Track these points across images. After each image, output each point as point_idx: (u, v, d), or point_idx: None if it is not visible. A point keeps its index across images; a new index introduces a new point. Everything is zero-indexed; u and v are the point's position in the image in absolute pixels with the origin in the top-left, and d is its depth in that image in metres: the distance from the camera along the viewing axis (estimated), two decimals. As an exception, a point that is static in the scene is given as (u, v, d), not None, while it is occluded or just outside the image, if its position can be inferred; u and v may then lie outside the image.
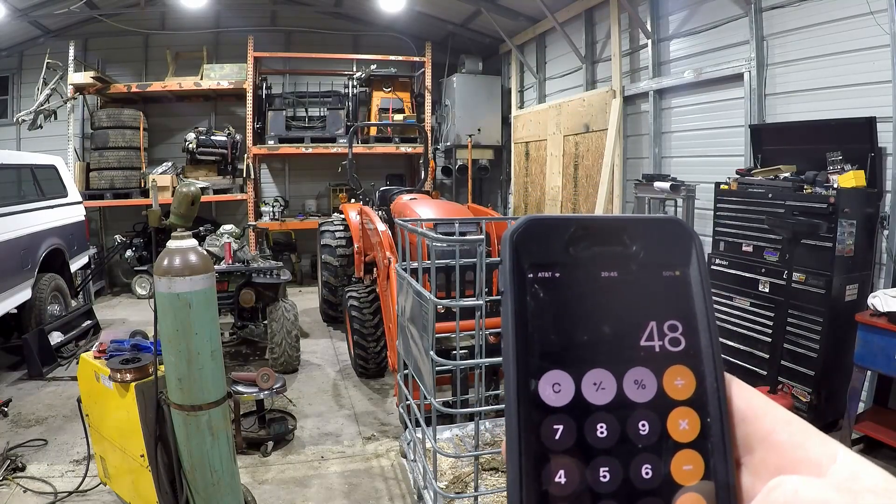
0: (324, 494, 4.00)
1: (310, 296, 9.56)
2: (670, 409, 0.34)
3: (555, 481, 0.32)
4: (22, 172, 6.70)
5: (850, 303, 4.41)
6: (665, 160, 7.03)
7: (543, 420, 0.33)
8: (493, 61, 11.31)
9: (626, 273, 0.36)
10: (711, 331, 0.36)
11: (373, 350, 5.85)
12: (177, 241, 2.68)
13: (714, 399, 0.34)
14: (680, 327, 0.35)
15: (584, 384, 0.34)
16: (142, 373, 3.03)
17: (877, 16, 4.39)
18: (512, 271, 0.35)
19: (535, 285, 0.35)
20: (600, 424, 0.33)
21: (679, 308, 0.36)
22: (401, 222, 2.77)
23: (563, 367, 0.34)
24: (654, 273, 0.36)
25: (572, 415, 0.33)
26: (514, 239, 0.35)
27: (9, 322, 6.48)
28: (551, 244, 0.35)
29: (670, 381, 0.34)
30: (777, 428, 0.34)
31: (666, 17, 6.89)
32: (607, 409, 0.33)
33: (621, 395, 0.34)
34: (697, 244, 0.37)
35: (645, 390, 0.34)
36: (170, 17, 10.77)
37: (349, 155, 7.72)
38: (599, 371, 0.34)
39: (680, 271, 0.36)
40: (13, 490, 3.91)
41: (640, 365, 0.34)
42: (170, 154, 10.66)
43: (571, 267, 0.35)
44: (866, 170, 4.40)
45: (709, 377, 0.35)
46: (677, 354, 0.35)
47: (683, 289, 0.36)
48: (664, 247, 0.37)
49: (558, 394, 0.33)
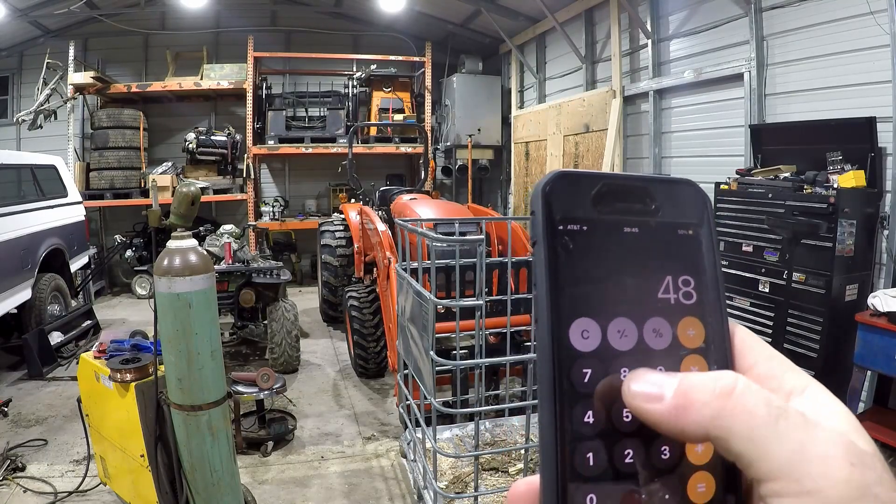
0: (324, 494, 4.00)
1: (310, 296, 9.56)
2: (683, 356, 0.37)
3: (584, 421, 0.35)
4: (22, 172, 6.70)
5: (850, 303, 4.41)
6: (665, 160, 7.03)
7: (574, 364, 0.35)
8: (493, 61, 11.31)
9: (646, 229, 0.38)
10: (719, 286, 0.38)
11: (373, 350, 5.85)
12: (177, 241, 2.68)
13: (721, 349, 0.38)
14: (692, 282, 0.38)
15: (610, 331, 0.36)
16: (142, 373, 3.03)
17: (877, 16, 4.39)
18: (545, 222, 0.36)
19: (566, 237, 0.36)
20: (624, 368, 0.36)
21: (691, 264, 0.38)
22: (401, 222, 2.76)
23: (591, 315, 0.36)
24: (671, 231, 0.38)
25: (600, 359, 0.35)
26: (545, 191, 0.37)
27: (9, 322, 6.48)
28: (580, 198, 0.37)
29: (683, 330, 0.37)
30: (760, 361, 0.38)
31: (666, 17, 6.89)
32: (630, 355, 0.36)
33: (642, 343, 0.36)
34: (709, 207, 0.40)
35: (662, 339, 0.37)
36: (170, 17, 10.77)
37: (349, 155, 7.72)
38: (623, 320, 0.36)
39: (693, 230, 0.39)
40: (13, 490, 3.91)
41: (658, 315, 0.37)
42: (170, 154, 10.66)
43: (597, 221, 0.37)
44: (866, 170, 4.40)
45: (716, 328, 0.38)
46: (689, 307, 0.38)
47: (696, 247, 0.39)
48: (680, 207, 0.39)
49: (587, 339, 0.35)
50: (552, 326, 0.35)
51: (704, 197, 0.40)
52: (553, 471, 0.34)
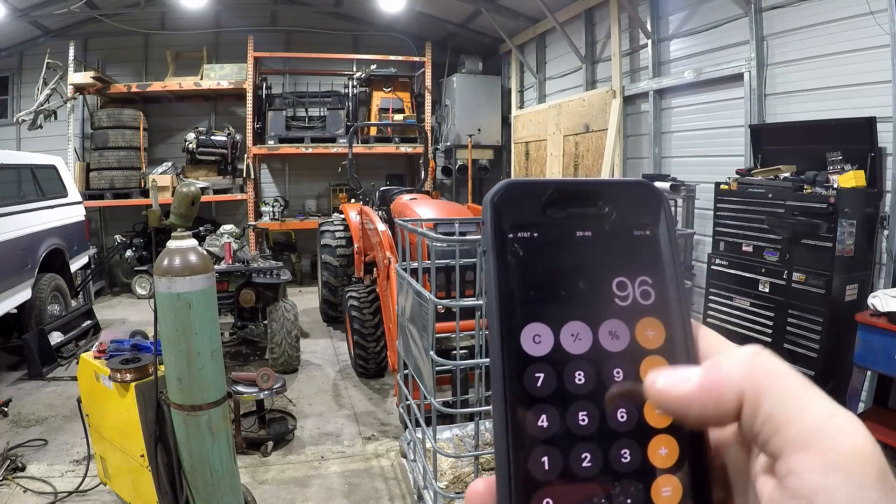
0: (324, 494, 4.00)
1: (310, 296, 9.56)
2: (642, 357, 0.36)
3: (537, 425, 0.34)
4: (22, 172, 6.70)
5: (850, 303, 4.41)
6: (665, 160, 7.03)
7: (526, 369, 0.35)
8: (493, 61, 11.31)
9: (599, 232, 0.38)
10: (679, 285, 0.38)
11: (373, 350, 5.85)
12: (177, 241, 2.68)
13: (682, 347, 0.37)
14: (650, 282, 0.38)
15: (563, 335, 0.36)
16: (142, 373, 3.03)
17: (877, 16, 4.39)
18: (493, 231, 0.37)
19: (515, 244, 0.37)
20: (578, 372, 0.36)
21: (649, 264, 0.38)
22: (401, 222, 2.77)
23: (543, 320, 0.36)
24: (626, 232, 0.38)
25: (552, 363, 0.35)
26: (494, 201, 0.37)
27: (9, 322, 6.48)
28: (529, 206, 0.37)
29: (642, 331, 0.37)
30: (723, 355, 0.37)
31: (666, 17, 6.89)
32: (584, 358, 0.36)
33: (597, 345, 0.36)
34: (666, 205, 0.40)
35: (619, 340, 0.36)
36: (170, 17, 10.77)
37: (349, 155, 7.72)
38: (576, 323, 0.36)
39: (650, 230, 0.39)
40: (13, 490, 3.91)
41: (613, 317, 0.37)
42: (170, 154, 10.66)
43: (548, 227, 0.37)
44: (866, 170, 4.40)
45: (677, 327, 0.37)
46: (648, 307, 0.37)
47: (653, 246, 0.39)
48: (635, 208, 0.39)
49: (539, 344, 0.35)
50: (502, 332, 0.35)
51: (660, 196, 0.40)
52: (506, 476, 0.34)
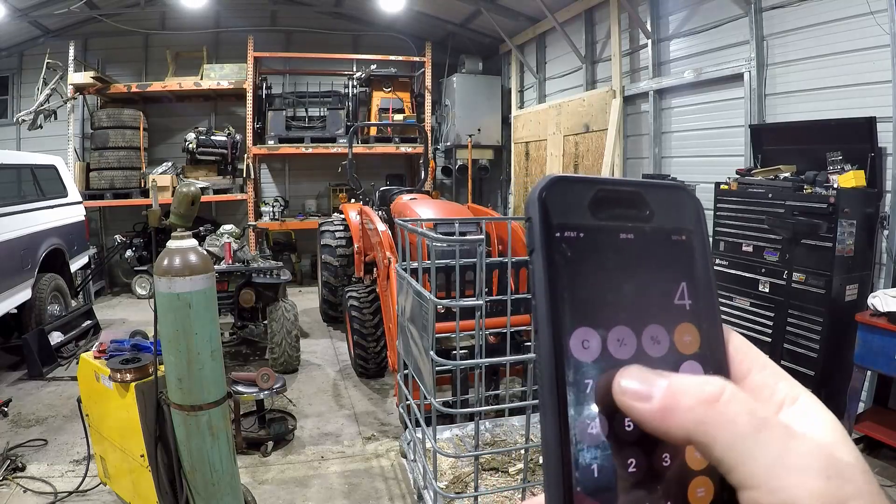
0: (324, 494, 4.00)
1: (310, 296, 9.56)
2: (680, 362, 0.37)
3: (588, 432, 0.34)
4: (22, 172, 6.70)
5: (850, 303, 4.41)
6: (665, 160, 7.03)
7: (576, 374, 0.35)
8: (493, 61, 11.31)
9: (640, 235, 0.38)
10: (712, 291, 0.38)
11: (373, 350, 5.85)
12: (177, 241, 2.68)
13: (716, 354, 0.37)
14: (686, 288, 0.38)
15: (610, 340, 0.36)
16: (142, 373, 3.03)
17: (877, 16, 4.39)
18: (542, 229, 0.36)
19: (563, 244, 0.36)
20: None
21: (685, 270, 0.38)
22: (401, 222, 2.76)
23: (591, 325, 0.35)
24: (664, 237, 0.38)
25: (600, 369, 0.35)
26: (542, 197, 0.36)
27: (9, 322, 6.48)
28: (576, 204, 0.37)
29: (680, 337, 0.37)
30: (755, 370, 0.38)
31: (666, 17, 6.89)
32: (629, 363, 0.35)
33: (640, 350, 0.36)
34: (701, 212, 0.40)
35: (660, 346, 0.36)
36: (170, 17, 10.77)
37: (349, 155, 7.72)
38: (622, 328, 0.36)
39: (686, 236, 0.39)
40: (13, 490, 3.91)
41: (655, 322, 0.37)
42: (170, 154, 10.66)
43: (594, 227, 0.37)
44: (866, 170, 4.40)
45: (711, 334, 0.38)
46: (685, 313, 0.37)
47: (689, 252, 0.39)
48: (673, 213, 0.39)
49: (587, 349, 0.35)
50: (553, 337, 0.35)
51: (697, 202, 0.40)
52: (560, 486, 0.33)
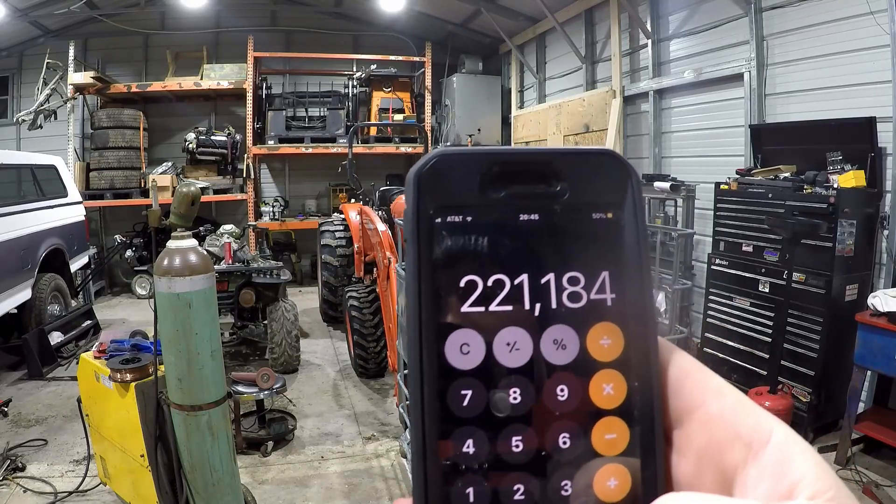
0: (324, 494, 4.00)
1: (310, 296, 9.56)
2: (593, 371, 0.30)
3: (462, 452, 0.29)
4: (22, 172, 6.70)
5: (850, 303, 4.41)
6: (665, 160, 7.02)
7: (450, 385, 0.29)
8: (493, 61, 11.31)
9: (548, 216, 0.31)
10: (644, 284, 0.31)
11: (373, 350, 5.85)
12: (177, 241, 2.68)
13: (644, 361, 0.31)
14: (608, 279, 0.31)
15: (497, 344, 0.30)
16: (142, 373, 3.03)
17: (877, 16, 4.38)
18: (415, 216, 0.30)
19: (443, 231, 0.30)
20: (514, 389, 0.30)
21: (609, 257, 0.31)
22: (401, 222, 2.77)
23: (473, 326, 0.30)
24: (582, 216, 0.32)
25: (482, 379, 0.30)
26: (418, 178, 0.31)
27: (9, 322, 6.48)
28: (463, 183, 0.31)
29: (595, 340, 0.31)
30: (708, 399, 0.30)
31: (666, 17, 6.89)
32: (522, 373, 0.30)
33: (538, 357, 0.30)
34: (634, 181, 0.32)
35: (565, 351, 0.30)
36: (170, 17, 10.76)
37: (349, 155, 7.72)
38: (514, 329, 0.30)
39: (612, 213, 0.32)
40: (13, 490, 3.91)
41: (560, 322, 0.30)
42: (170, 154, 10.66)
43: (485, 209, 0.31)
44: (866, 170, 4.40)
45: (639, 337, 0.31)
46: (604, 310, 0.31)
47: (615, 234, 0.32)
48: (595, 185, 0.32)
49: (467, 355, 0.30)
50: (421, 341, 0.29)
51: (628, 169, 0.32)
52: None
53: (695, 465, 0.30)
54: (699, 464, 0.30)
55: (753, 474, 0.28)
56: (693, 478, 0.30)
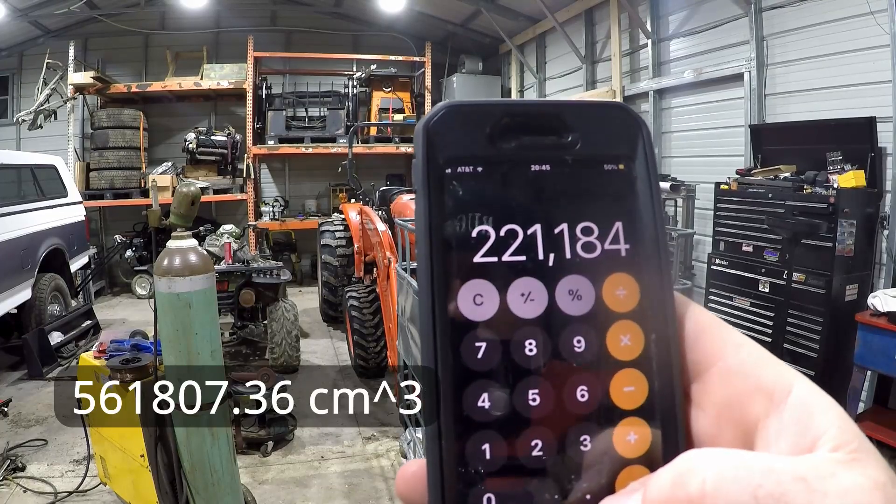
0: (324, 494, 4.00)
1: (310, 296, 9.55)
2: (610, 322, 0.30)
3: (477, 406, 0.28)
4: (22, 172, 6.70)
5: (850, 303, 4.41)
6: (665, 160, 7.02)
7: (464, 337, 0.29)
8: (493, 61, 11.31)
9: (560, 166, 0.31)
10: (659, 234, 0.31)
11: (373, 350, 5.85)
12: (177, 241, 2.68)
13: (660, 312, 0.30)
14: (622, 229, 0.30)
15: (511, 295, 0.29)
16: (142, 373, 3.03)
17: (877, 16, 4.39)
18: (426, 166, 0.30)
19: (454, 182, 0.30)
20: (529, 341, 0.29)
21: (621, 207, 0.31)
22: (401, 222, 2.77)
23: (486, 276, 0.29)
24: (594, 167, 0.31)
25: (497, 330, 0.29)
26: (428, 128, 0.30)
27: (9, 322, 6.48)
28: (472, 135, 0.30)
29: (611, 290, 0.30)
30: (727, 352, 0.29)
31: (666, 17, 6.89)
32: (537, 324, 0.29)
33: (553, 308, 0.29)
34: (645, 134, 0.32)
35: (581, 302, 0.29)
36: (170, 17, 10.76)
37: (349, 155, 7.72)
38: (528, 280, 0.29)
39: (624, 164, 0.31)
40: (13, 490, 3.91)
41: (575, 273, 0.30)
42: (170, 154, 10.66)
43: (496, 160, 0.30)
44: (866, 170, 4.40)
45: (654, 288, 0.30)
46: (619, 261, 0.30)
47: (627, 185, 0.31)
48: (606, 136, 0.32)
49: (480, 306, 0.29)
50: (434, 291, 0.29)
51: (639, 122, 0.32)
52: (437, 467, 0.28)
53: (714, 420, 0.29)
54: (719, 418, 0.29)
55: (775, 428, 0.27)
56: (713, 433, 0.29)
